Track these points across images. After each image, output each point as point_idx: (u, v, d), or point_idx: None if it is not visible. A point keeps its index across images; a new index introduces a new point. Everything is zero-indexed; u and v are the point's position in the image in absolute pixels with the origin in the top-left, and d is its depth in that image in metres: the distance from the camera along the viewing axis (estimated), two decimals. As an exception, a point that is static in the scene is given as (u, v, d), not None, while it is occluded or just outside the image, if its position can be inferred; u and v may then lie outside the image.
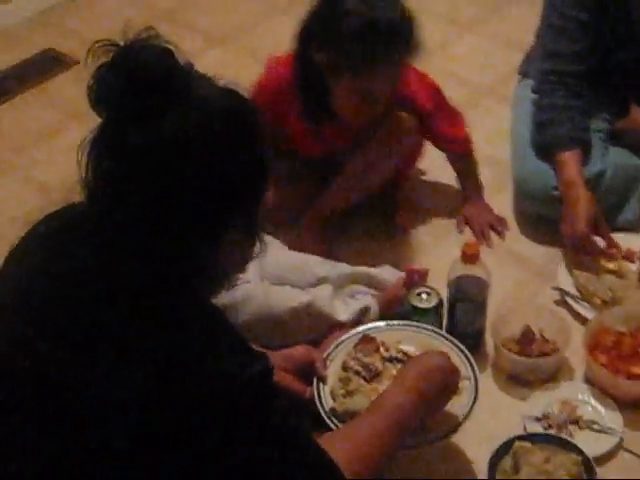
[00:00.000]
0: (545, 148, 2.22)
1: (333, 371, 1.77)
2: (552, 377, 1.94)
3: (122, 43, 1.15)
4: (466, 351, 1.80)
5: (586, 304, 2.07)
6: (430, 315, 1.91)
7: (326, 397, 1.71)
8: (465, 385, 1.73)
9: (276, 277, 2.00)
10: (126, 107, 1.13)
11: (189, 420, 1.12)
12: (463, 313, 1.96)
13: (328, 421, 1.66)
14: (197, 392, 1.13)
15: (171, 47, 1.18)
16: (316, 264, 2.06)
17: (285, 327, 1.93)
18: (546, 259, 2.23)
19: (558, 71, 2.21)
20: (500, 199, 2.39)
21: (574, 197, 2.09)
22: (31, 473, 1.15)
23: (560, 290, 2.11)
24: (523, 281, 2.20)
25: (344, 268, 2.08)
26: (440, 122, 2.24)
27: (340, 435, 1.48)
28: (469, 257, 1.89)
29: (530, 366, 1.92)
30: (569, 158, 2.14)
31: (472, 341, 1.97)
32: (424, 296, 1.92)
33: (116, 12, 3.35)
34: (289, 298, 1.94)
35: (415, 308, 1.91)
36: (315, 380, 1.74)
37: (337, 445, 1.38)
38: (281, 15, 3.24)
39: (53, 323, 1.17)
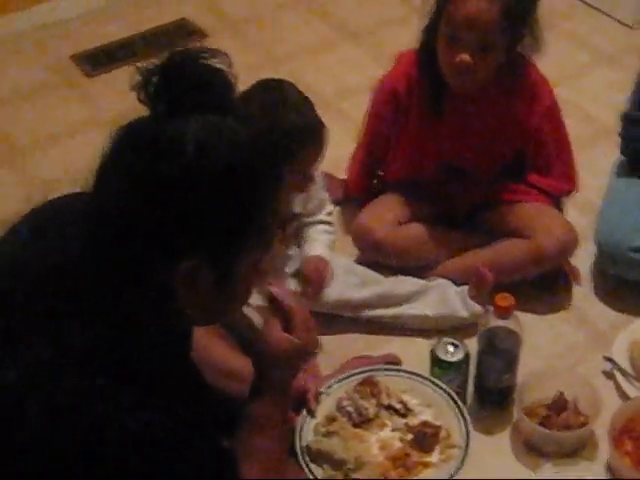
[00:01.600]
0: None
1: (327, 406, 1.70)
2: (573, 452, 1.79)
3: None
4: (467, 419, 1.69)
5: (636, 383, 1.89)
6: (452, 370, 1.81)
7: (308, 431, 1.65)
8: (454, 454, 1.63)
9: None
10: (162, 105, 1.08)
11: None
12: (492, 368, 1.83)
13: (299, 456, 1.60)
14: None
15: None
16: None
17: None
18: (610, 325, 2.07)
19: None
20: (583, 250, 2.21)
21: None
22: None
23: (611, 361, 1.94)
24: (577, 343, 2.05)
25: None
26: (547, 143, 2.13)
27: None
28: (502, 310, 1.76)
29: (549, 439, 1.78)
30: None
31: (498, 397, 1.86)
32: (450, 348, 1.81)
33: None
34: None
35: (437, 360, 1.80)
36: (304, 411, 1.67)
37: None
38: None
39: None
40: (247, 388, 1.65)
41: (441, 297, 2.01)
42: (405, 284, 2.05)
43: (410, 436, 1.67)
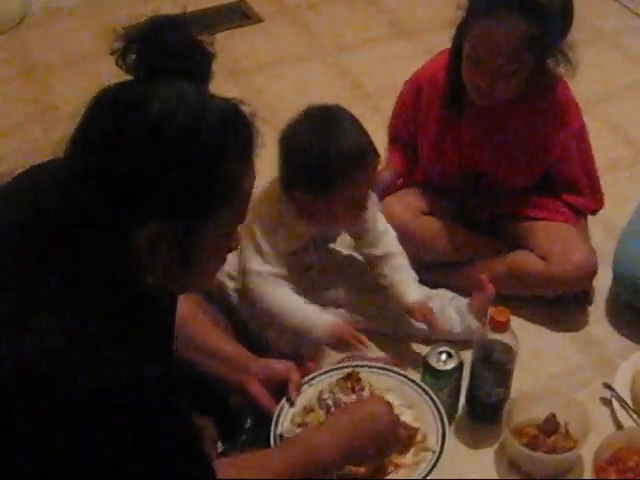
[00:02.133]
0: None
1: (307, 397, 1.69)
2: (558, 476, 1.76)
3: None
4: (445, 424, 1.67)
5: (634, 415, 1.85)
6: (442, 378, 1.78)
7: (285, 420, 1.65)
8: (426, 457, 1.61)
9: None
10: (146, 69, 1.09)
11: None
12: (484, 381, 1.80)
13: (272, 443, 1.60)
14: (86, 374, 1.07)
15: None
16: None
17: None
18: (617, 352, 2.02)
19: None
20: (604, 272, 2.14)
21: None
22: None
23: (610, 388, 1.90)
24: (579, 365, 2.01)
25: None
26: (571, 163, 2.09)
27: (250, 461, 1.42)
28: (498, 324, 1.73)
29: (534, 460, 1.75)
30: None
31: (489, 411, 1.84)
32: (443, 357, 1.78)
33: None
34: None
35: (429, 367, 1.78)
36: (283, 400, 1.67)
37: (245, 471, 1.32)
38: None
39: None
40: (234, 374, 1.69)
41: (440, 312, 1.97)
42: None
43: None
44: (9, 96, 2.89)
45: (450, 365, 1.78)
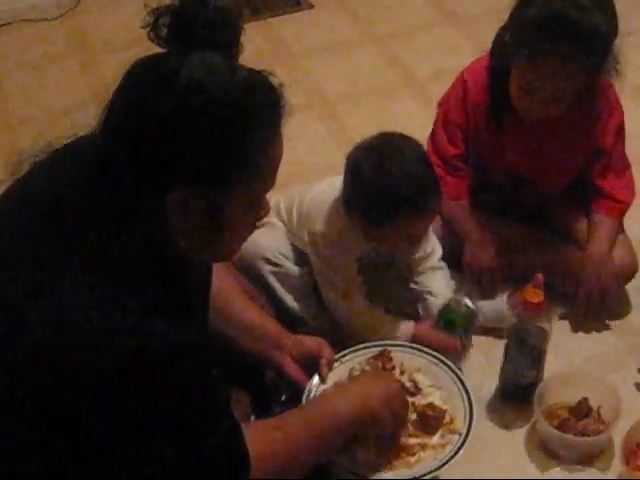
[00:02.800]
0: None
1: (338, 373, 1.72)
2: (588, 459, 1.77)
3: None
4: (474, 407, 1.68)
5: (667, 399, 1.85)
6: (465, 319, 1.88)
7: (315, 396, 1.68)
8: (452, 440, 1.63)
9: None
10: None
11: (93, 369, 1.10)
12: (517, 363, 1.82)
13: None
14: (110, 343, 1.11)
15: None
16: None
17: None
18: (654, 338, 2.02)
19: None
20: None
21: None
22: None
23: (645, 374, 1.91)
24: (615, 351, 2.01)
25: None
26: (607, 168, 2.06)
27: (274, 424, 1.43)
28: (531, 306, 1.74)
29: (564, 442, 1.76)
30: None
31: (523, 392, 1.84)
32: (465, 301, 1.90)
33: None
34: None
35: (451, 312, 1.88)
36: (315, 376, 1.71)
37: (269, 434, 1.36)
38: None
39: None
40: (268, 349, 1.72)
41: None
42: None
43: (414, 416, 1.68)
44: (65, 77, 2.97)
45: (466, 311, 1.88)
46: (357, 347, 1.79)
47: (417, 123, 2.68)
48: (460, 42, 3.09)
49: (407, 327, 1.90)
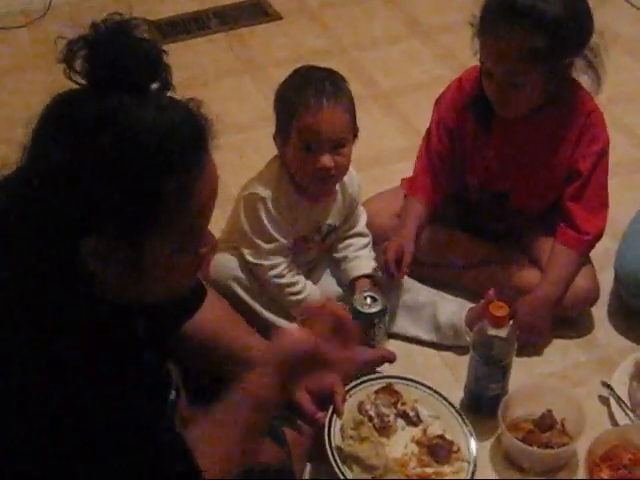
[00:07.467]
0: None
1: (347, 407, 1.75)
2: (552, 471, 1.79)
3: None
4: (473, 436, 1.75)
5: (630, 413, 1.87)
6: (368, 320, 1.90)
7: (335, 432, 1.70)
8: (464, 467, 1.70)
9: None
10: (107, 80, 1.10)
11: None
12: (483, 375, 1.84)
13: (331, 456, 1.66)
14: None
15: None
16: None
17: None
18: (618, 352, 2.04)
19: None
20: (607, 274, 2.17)
21: None
22: None
23: (608, 387, 1.92)
24: (580, 364, 2.03)
25: None
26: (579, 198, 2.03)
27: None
28: (497, 319, 1.76)
29: (529, 455, 1.78)
30: None
31: (488, 405, 1.85)
32: (369, 300, 1.91)
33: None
34: None
35: (355, 311, 1.89)
36: (330, 411, 1.72)
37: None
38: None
39: None
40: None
41: (433, 322, 2.05)
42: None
43: (423, 447, 1.75)
44: (30, 86, 2.95)
45: (375, 308, 1.90)
46: (360, 380, 1.81)
47: (382, 133, 2.72)
48: (425, 54, 3.11)
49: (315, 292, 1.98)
